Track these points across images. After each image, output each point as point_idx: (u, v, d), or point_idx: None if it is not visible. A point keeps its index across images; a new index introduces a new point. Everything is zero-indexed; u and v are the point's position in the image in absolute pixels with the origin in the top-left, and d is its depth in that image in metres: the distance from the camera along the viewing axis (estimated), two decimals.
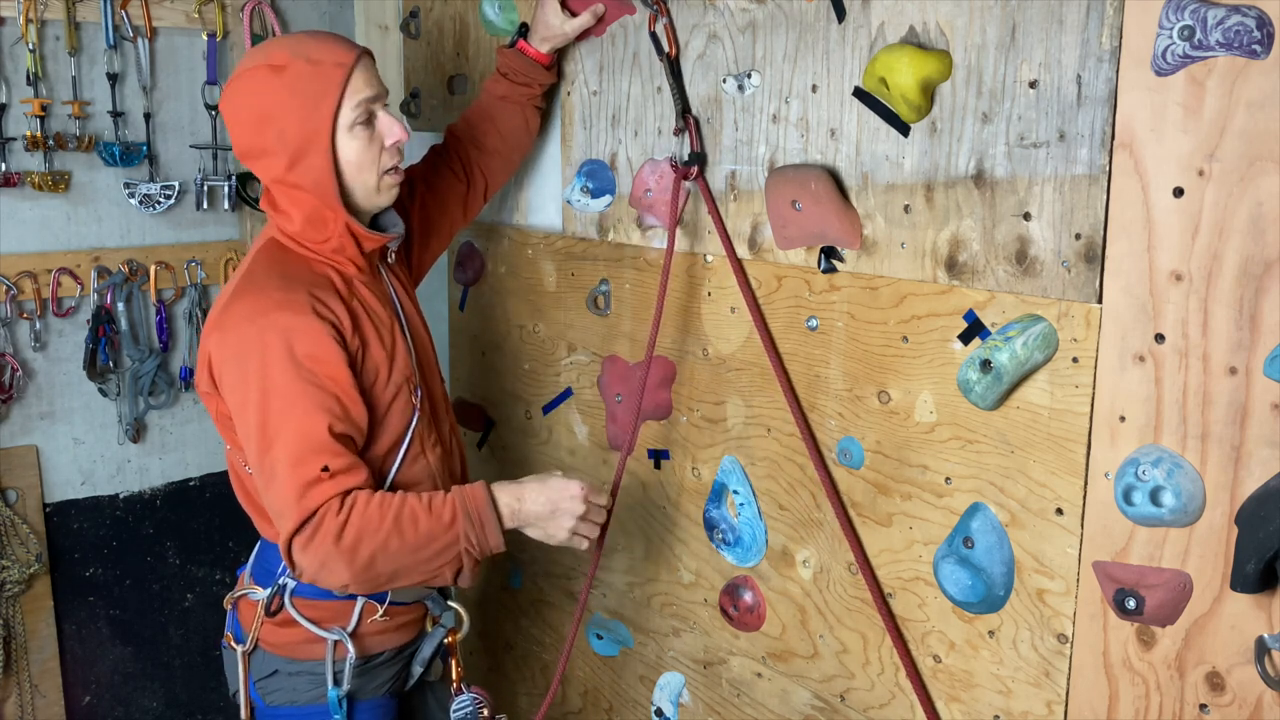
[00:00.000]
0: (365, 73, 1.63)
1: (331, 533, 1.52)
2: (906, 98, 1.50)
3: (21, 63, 2.38)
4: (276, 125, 1.60)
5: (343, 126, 1.61)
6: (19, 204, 2.42)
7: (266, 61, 1.61)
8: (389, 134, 1.66)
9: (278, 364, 1.55)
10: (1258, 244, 1.21)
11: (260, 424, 1.55)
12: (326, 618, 1.73)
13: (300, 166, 1.61)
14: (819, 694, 1.81)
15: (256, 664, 1.77)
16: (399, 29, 2.66)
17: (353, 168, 1.64)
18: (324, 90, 1.59)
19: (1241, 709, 1.29)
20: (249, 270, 1.66)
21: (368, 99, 1.63)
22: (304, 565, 1.55)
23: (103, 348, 2.52)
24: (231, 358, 1.59)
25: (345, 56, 1.62)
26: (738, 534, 1.91)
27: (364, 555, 1.54)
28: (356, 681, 1.74)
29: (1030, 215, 1.42)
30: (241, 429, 1.60)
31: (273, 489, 1.56)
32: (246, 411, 1.57)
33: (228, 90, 1.65)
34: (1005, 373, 1.42)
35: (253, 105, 1.61)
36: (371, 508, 1.55)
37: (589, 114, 2.12)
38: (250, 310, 1.59)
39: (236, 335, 1.59)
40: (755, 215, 1.81)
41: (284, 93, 1.59)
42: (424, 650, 1.85)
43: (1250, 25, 1.18)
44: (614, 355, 2.14)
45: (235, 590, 1.81)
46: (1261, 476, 1.23)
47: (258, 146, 1.63)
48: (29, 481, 2.50)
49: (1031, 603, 1.48)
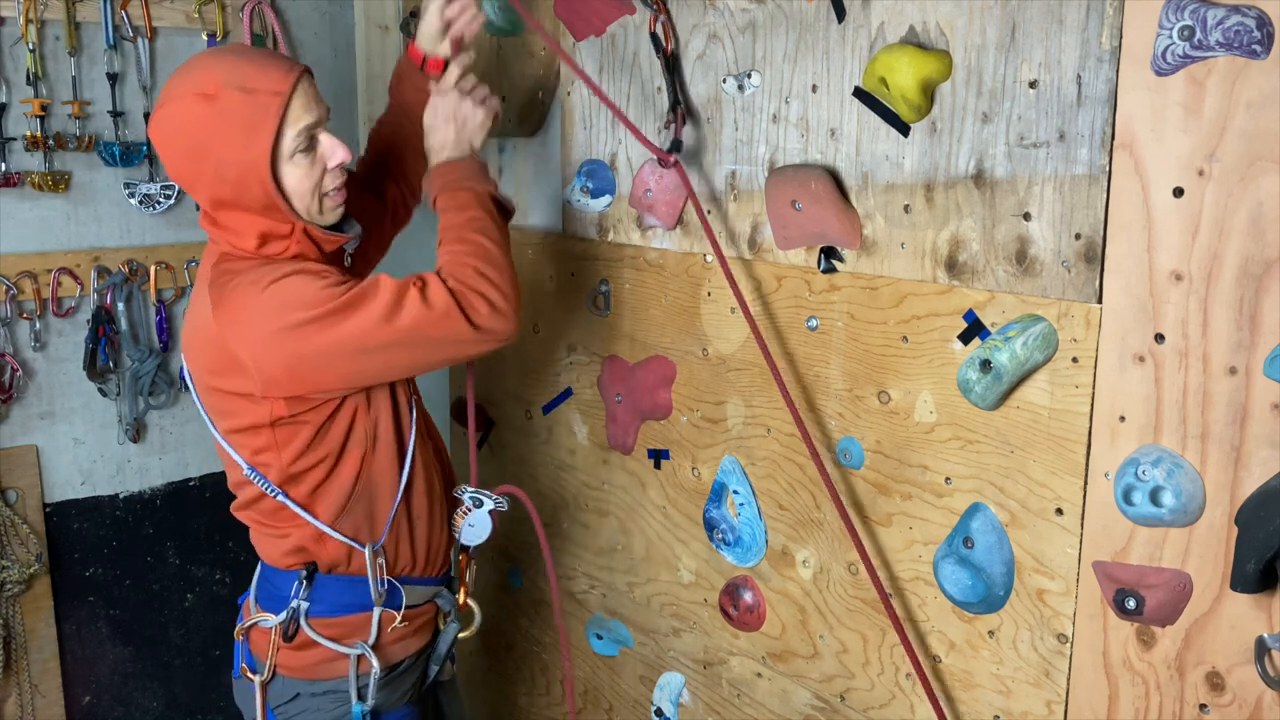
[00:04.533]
0: (304, 97, 1.55)
1: (478, 282, 1.57)
2: (906, 98, 1.50)
3: (21, 63, 2.38)
4: (212, 158, 1.51)
5: (283, 156, 1.54)
6: (19, 204, 2.42)
7: (196, 90, 1.51)
8: (331, 156, 1.59)
9: (313, 291, 1.53)
10: (1258, 244, 1.21)
11: (352, 329, 1.52)
12: (346, 634, 1.71)
13: (244, 195, 1.54)
14: (819, 694, 1.81)
15: (275, 691, 1.73)
16: (399, 29, 2.66)
17: (294, 195, 1.57)
18: (260, 121, 1.50)
19: (1241, 709, 1.29)
20: (214, 282, 1.59)
21: (308, 126, 1.55)
22: (506, 319, 1.58)
23: (103, 348, 2.52)
24: (269, 335, 1.53)
25: (281, 84, 1.52)
26: (738, 534, 1.91)
27: (497, 259, 1.61)
28: (381, 695, 1.73)
29: (1030, 215, 1.42)
30: (335, 358, 1.54)
31: (415, 335, 1.54)
32: (332, 341, 1.52)
33: (155, 119, 1.55)
34: (1005, 373, 1.42)
35: (185, 138, 1.53)
36: (456, 250, 1.61)
37: (589, 114, 2.12)
38: (252, 285, 1.54)
39: (260, 313, 1.53)
40: (755, 215, 1.81)
41: (217, 125, 1.50)
42: (440, 648, 1.85)
43: (1250, 25, 1.18)
44: (614, 355, 2.14)
45: (244, 621, 1.77)
46: (1261, 476, 1.23)
47: (192, 175, 1.56)
48: (29, 481, 2.50)
49: (1031, 603, 1.48)
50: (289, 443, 1.61)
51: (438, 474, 1.81)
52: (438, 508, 1.80)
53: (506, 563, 2.51)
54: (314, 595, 1.70)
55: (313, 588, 1.69)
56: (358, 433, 1.65)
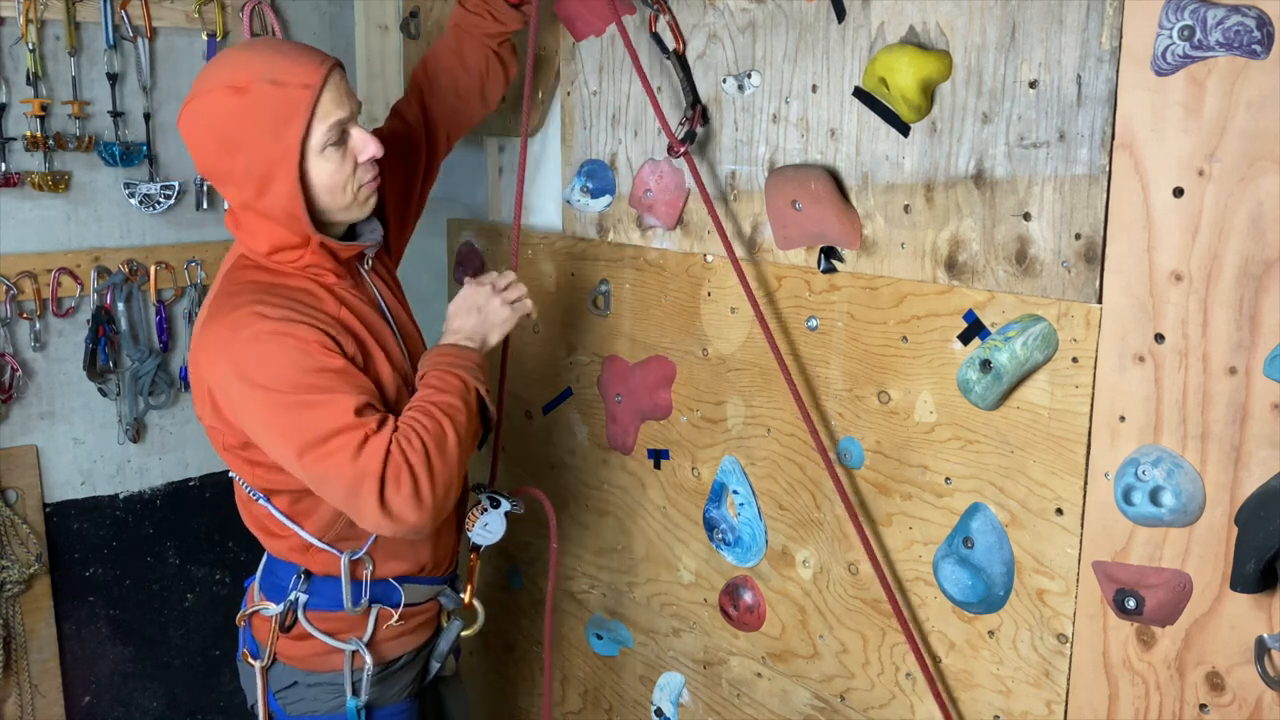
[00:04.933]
0: (335, 91, 1.53)
1: (418, 462, 1.49)
2: (906, 98, 1.50)
3: (21, 63, 2.38)
4: (241, 153, 1.51)
5: (313, 150, 1.53)
6: (19, 204, 2.42)
7: (227, 83, 1.50)
8: (362, 151, 1.58)
9: (281, 365, 1.50)
10: (1258, 244, 1.21)
11: (284, 427, 1.50)
12: (342, 629, 1.72)
13: (268, 195, 1.53)
14: (819, 694, 1.81)
15: (275, 676, 1.75)
16: (399, 29, 2.66)
17: (324, 191, 1.56)
18: (290, 115, 1.49)
19: (1241, 709, 1.29)
20: (222, 291, 1.59)
21: (339, 121, 1.53)
22: (420, 511, 1.49)
23: (103, 348, 2.52)
24: (231, 377, 1.52)
25: (312, 76, 1.51)
26: (738, 534, 1.91)
27: (451, 454, 1.53)
28: (375, 690, 1.73)
29: (1030, 215, 1.42)
30: (266, 440, 1.54)
31: (329, 480, 1.50)
32: (264, 420, 1.51)
33: (186, 112, 1.54)
34: (1005, 373, 1.42)
35: (215, 131, 1.52)
36: (420, 422, 1.53)
37: (589, 114, 2.12)
38: (234, 327, 1.52)
39: (228, 356, 1.52)
40: (755, 215, 1.81)
41: (247, 118, 1.49)
42: (441, 646, 1.85)
43: (1250, 25, 1.18)
44: (614, 355, 2.14)
45: (246, 607, 1.80)
46: (1261, 476, 1.23)
47: (221, 171, 1.55)
48: (29, 481, 2.50)
49: (1031, 603, 1.48)
50: (260, 461, 1.62)
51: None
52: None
53: (506, 562, 2.51)
54: (312, 589, 1.71)
55: (311, 582, 1.71)
56: None
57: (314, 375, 1.50)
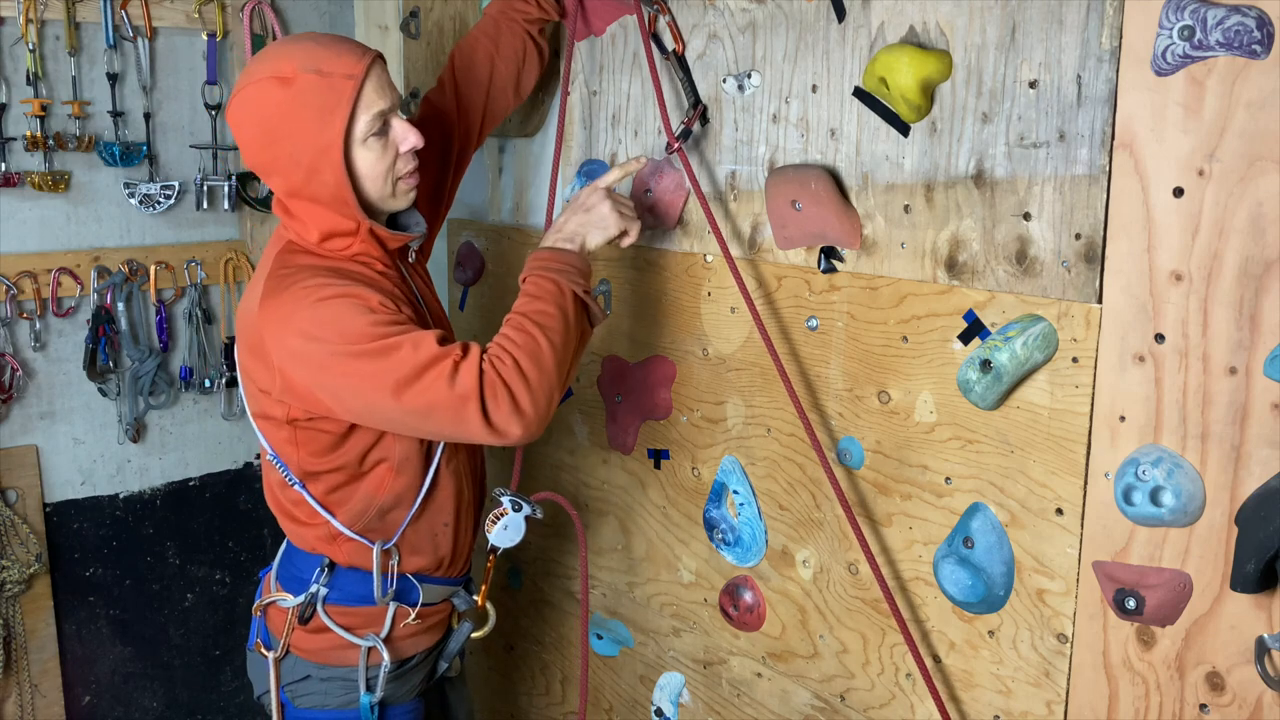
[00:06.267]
0: (377, 82, 1.56)
1: (512, 377, 1.51)
2: (906, 98, 1.50)
3: (21, 63, 2.38)
4: (288, 142, 1.54)
5: (356, 140, 1.55)
6: (19, 204, 2.42)
7: (273, 74, 1.53)
8: (404, 141, 1.60)
9: (353, 320, 1.50)
10: (1258, 244, 1.21)
11: (373, 374, 1.49)
12: (360, 624, 1.72)
13: (315, 182, 1.56)
14: (819, 694, 1.81)
15: (287, 668, 1.75)
16: (399, 29, 2.66)
17: (367, 179, 1.59)
18: (335, 104, 1.52)
19: (1241, 709, 1.29)
20: (273, 274, 1.59)
21: (381, 111, 1.56)
22: (523, 423, 1.51)
23: (103, 348, 2.52)
24: (304, 344, 1.52)
25: (356, 67, 1.54)
26: (738, 534, 1.91)
27: (547, 363, 1.54)
28: (389, 688, 1.74)
29: (1030, 215, 1.42)
30: (356, 395, 1.53)
31: (433, 410, 1.50)
32: (350, 374, 1.50)
33: (234, 103, 1.57)
34: (1005, 373, 1.42)
35: (261, 121, 1.55)
36: (509, 338, 1.55)
37: (589, 114, 2.12)
38: (297, 299, 1.53)
39: (296, 326, 1.52)
40: (755, 215, 1.81)
41: (293, 108, 1.52)
42: (451, 646, 1.86)
43: (1250, 25, 1.18)
44: (614, 355, 2.14)
45: (263, 597, 1.79)
46: (1261, 476, 1.23)
47: (268, 162, 1.58)
48: (29, 481, 2.50)
49: (1031, 603, 1.48)
50: (306, 444, 1.62)
51: (468, 480, 1.81)
52: (464, 513, 1.80)
53: (506, 563, 2.51)
54: (333, 583, 1.71)
55: (333, 575, 1.71)
56: (381, 447, 1.64)
57: (386, 325, 1.51)
